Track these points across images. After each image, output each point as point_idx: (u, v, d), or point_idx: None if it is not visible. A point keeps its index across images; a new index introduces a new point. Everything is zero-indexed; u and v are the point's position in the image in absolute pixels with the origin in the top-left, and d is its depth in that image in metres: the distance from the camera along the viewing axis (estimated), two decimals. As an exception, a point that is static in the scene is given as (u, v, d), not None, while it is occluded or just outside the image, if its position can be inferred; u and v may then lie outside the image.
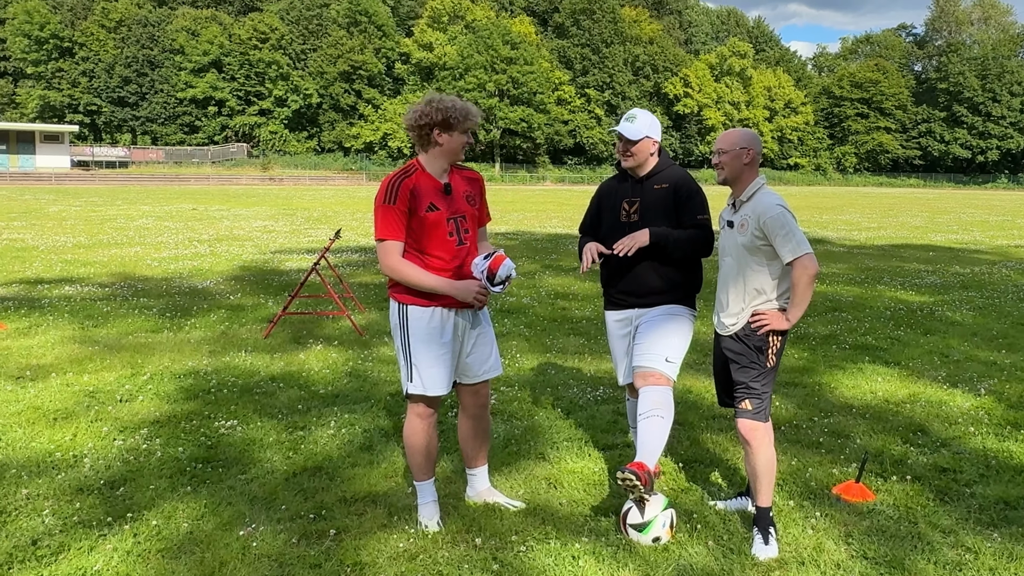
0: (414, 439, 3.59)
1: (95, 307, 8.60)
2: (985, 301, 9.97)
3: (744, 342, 3.57)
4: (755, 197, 3.58)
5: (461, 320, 3.56)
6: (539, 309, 8.93)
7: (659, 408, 3.63)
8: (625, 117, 3.83)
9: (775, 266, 3.52)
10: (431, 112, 3.38)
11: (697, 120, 77.54)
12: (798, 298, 3.45)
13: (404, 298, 3.49)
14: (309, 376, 6.03)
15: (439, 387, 3.52)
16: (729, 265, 3.65)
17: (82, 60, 64.72)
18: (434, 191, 3.44)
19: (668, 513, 3.52)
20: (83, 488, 3.94)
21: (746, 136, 3.63)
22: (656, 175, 3.86)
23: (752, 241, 3.51)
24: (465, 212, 3.53)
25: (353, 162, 67.94)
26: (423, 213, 3.39)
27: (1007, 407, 5.49)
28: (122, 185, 47.86)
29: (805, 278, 3.42)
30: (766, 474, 3.54)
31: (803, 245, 3.43)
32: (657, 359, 3.73)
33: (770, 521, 3.52)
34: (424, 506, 3.64)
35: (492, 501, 3.83)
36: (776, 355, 3.58)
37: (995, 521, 3.74)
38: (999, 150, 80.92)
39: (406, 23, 74.47)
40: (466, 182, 3.60)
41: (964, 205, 40.88)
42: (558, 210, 29.25)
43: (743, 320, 3.58)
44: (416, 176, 3.43)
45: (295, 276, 11.03)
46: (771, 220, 3.45)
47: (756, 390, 3.55)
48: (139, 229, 18.34)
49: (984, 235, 21.08)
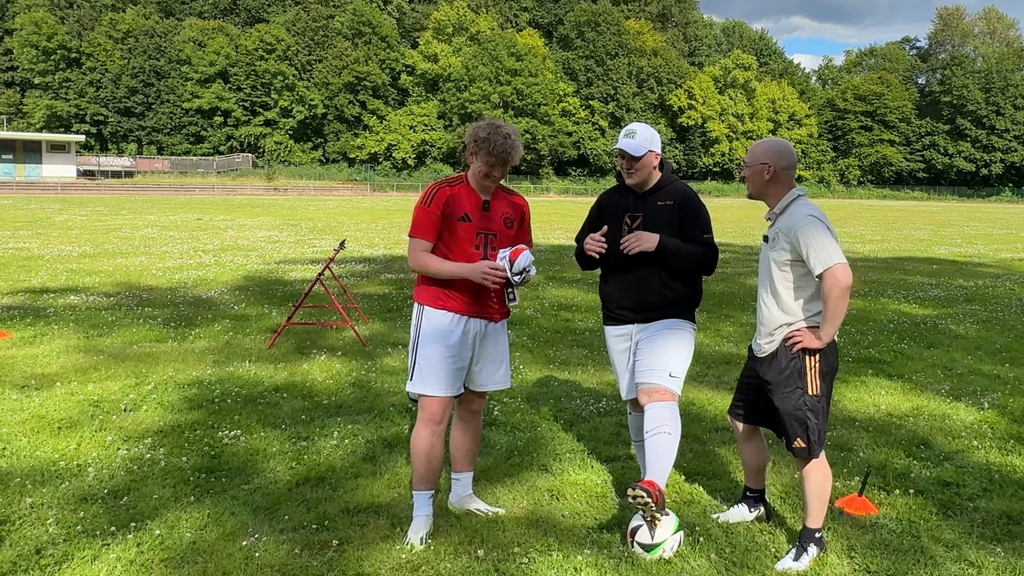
0: (417, 444, 3.66)
1: (100, 316, 8.64)
2: (989, 314, 9.96)
3: (778, 364, 3.43)
4: (788, 210, 3.43)
5: (474, 328, 3.64)
6: (542, 320, 8.94)
7: (665, 424, 3.61)
8: (624, 133, 3.78)
9: (807, 281, 3.36)
10: (470, 134, 3.57)
11: (701, 132, 77.68)
12: (830, 312, 3.27)
13: (422, 299, 3.66)
14: (313, 386, 6.04)
15: (437, 388, 3.58)
16: (762, 281, 3.53)
17: (89, 71, 65.11)
18: (472, 204, 3.59)
19: (677, 536, 3.51)
20: (87, 497, 3.94)
21: (771, 151, 3.46)
22: (660, 190, 3.83)
23: (782, 255, 3.37)
24: (498, 231, 3.65)
25: (358, 173, 68.14)
26: (456, 221, 3.55)
27: (1010, 421, 5.48)
28: (127, 195, 48.05)
29: (836, 290, 3.22)
30: (814, 498, 3.47)
31: (835, 255, 3.24)
32: (660, 375, 3.70)
33: (812, 540, 3.45)
34: (416, 519, 3.65)
35: (473, 507, 3.90)
36: (821, 379, 3.39)
37: (998, 535, 3.73)
38: (1003, 163, 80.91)
39: (411, 34, 74.86)
40: (508, 205, 3.72)
41: (968, 218, 40.85)
42: (561, 221, 29.28)
43: (777, 341, 3.44)
44: (460, 188, 3.61)
45: (299, 286, 11.06)
46: (801, 230, 3.28)
47: (805, 423, 3.38)
48: (144, 239, 18.41)
49: (988, 248, 21.06)
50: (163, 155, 65.55)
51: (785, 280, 3.41)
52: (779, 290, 3.42)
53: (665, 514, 3.49)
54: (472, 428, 3.91)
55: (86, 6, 68.64)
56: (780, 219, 3.45)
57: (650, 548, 3.44)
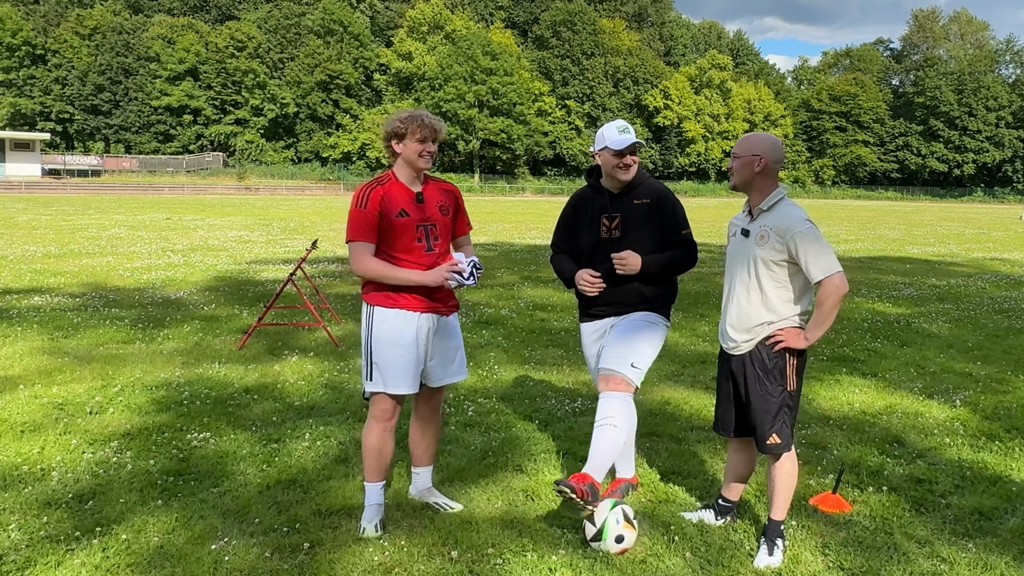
0: (369, 439, 3.66)
1: (65, 318, 8.46)
2: (961, 313, 10.10)
3: (759, 363, 3.41)
4: (777, 208, 3.39)
5: (427, 323, 3.62)
6: (517, 320, 8.91)
7: (615, 416, 3.61)
8: (621, 129, 3.76)
9: (796, 282, 3.36)
10: (387, 125, 3.57)
11: (677, 132, 78.18)
12: (822, 317, 3.29)
13: (372, 299, 3.61)
14: (284, 388, 5.96)
15: (400, 385, 3.58)
16: (740, 276, 3.46)
17: (55, 67, 64.05)
18: (406, 199, 3.58)
19: (618, 510, 3.48)
20: (51, 502, 3.85)
21: (763, 143, 3.41)
22: (635, 189, 3.83)
23: (772, 254, 3.34)
24: (436, 220, 3.63)
25: (330, 172, 67.70)
26: (393, 218, 3.52)
27: (982, 418, 5.55)
28: (94, 194, 47.27)
29: (835, 297, 3.24)
30: (784, 489, 3.49)
31: (834, 263, 3.25)
32: (623, 363, 3.70)
33: (779, 533, 3.49)
34: (368, 508, 3.68)
35: (432, 501, 3.91)
36: (796, 376, 3.41)
37: (970, 532, 3.76)
38: (975, 164, 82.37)
39: (385, 33, 74.50)
40: (441, 193, 3.72)
41: (940, 218, 41.50)
42: (537, 221, 29.30)
43: (758, 338, 3.41)
44: (389, 185, 3.59)
45: (270, 287, 10.93)
46: (800, 235, 3.26)
47: (782, 419, 3.40)
48: (111, 239, 18.10)
49: (960, 248, 21.37)
50: (131, 154, 64.62)
51: (772, 278, 3.37)
52: (765, 289, 3.38)
53: (596, 504, 3.46)
54: (432, 425, 3.91)
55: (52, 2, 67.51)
56: (767, 216, 3.39)
57: (600, 535, 3.43)
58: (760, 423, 3.43)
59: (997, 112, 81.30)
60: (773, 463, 3.51)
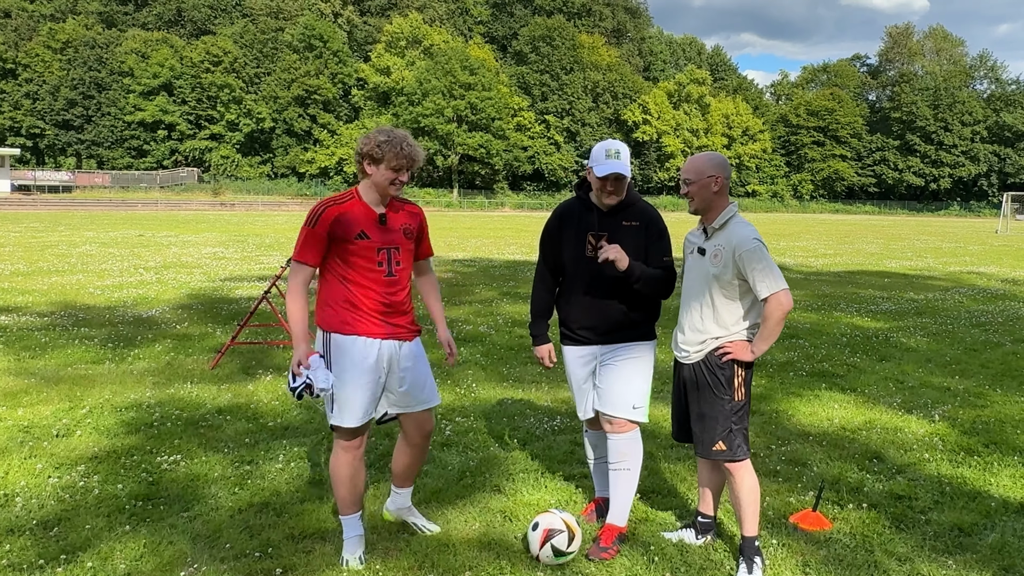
0: (339, 471, 3.53)
1: (32, 337, 8.27)
2: (939, 327, 10.17)
3: (709, 373, 3.50)
4: (729, 227, 3.48)
5: (388, 350, 3.48)
6: (496, 337, 8.85)
7: (626, 460, 3.69)
8: (609, 154, 3.58)
9: (746, 299, 3.46)
10: (365, 142, 3.40)
11: (656, 147, 78.73)
12: (768, 332, 3.38)
13: (327, 323, 3.47)
14: (258, 408, 5.85)
15: (354, 418, 3.44)
16: (695, 292, 3.56)
17: (25, 82, 63.32)
18: (367, 220, 3.43)
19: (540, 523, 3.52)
20: (14, 529, 3.74)
21: (713, 162, 3.48)
22: (625, 209, 3.70)
23: (724, 273, 3.42)
24: (399, 244, 3.50)
25: (307, 187, 67.34)
26: (352, 240, 3.38)
27: (960, 433, 5.56)
28: (65, 210, 46.63)
29: (779, 313, 3.35)
30: (750, 504, 3.50)
31: (780, 281, 3.36)
32: (624, 408, 3.68)
33: (756, 551, 3.49)
34: (348, 540, 3.55)
35: (410, 521, 3.83)
36: (745, 387, 3.50)
37: (949, 548, 3.75)
38: (951, 178, 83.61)
39: (363, 48, 74.46)
40: (406, 215, 3.57)
41: (918, 232, 42.03)
42: (516, 236, 29.30)
43: (707, 349, 3.51)
44: (349, 204, 3.43)
45: (245, 304, 10.79)
46: (747, 254, 3.36)
47: (728, 428, 3.46)
48: (82, 256, 17.82)
49: (937, 262, 21.59)
50: (103, 169, 63.86)
51: (723, 296, 3.47)
52: (717, 305, 3.48)
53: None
54: (422, 452, 3.77)
55: (23, 16, 66.78)
56: (719, 235, 3.48)
57: (559, 553, 3.49)
58: (708, 429, 3.50)
59: (972, 127, 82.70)
60: (732, 479, 3.53)
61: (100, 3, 71.69)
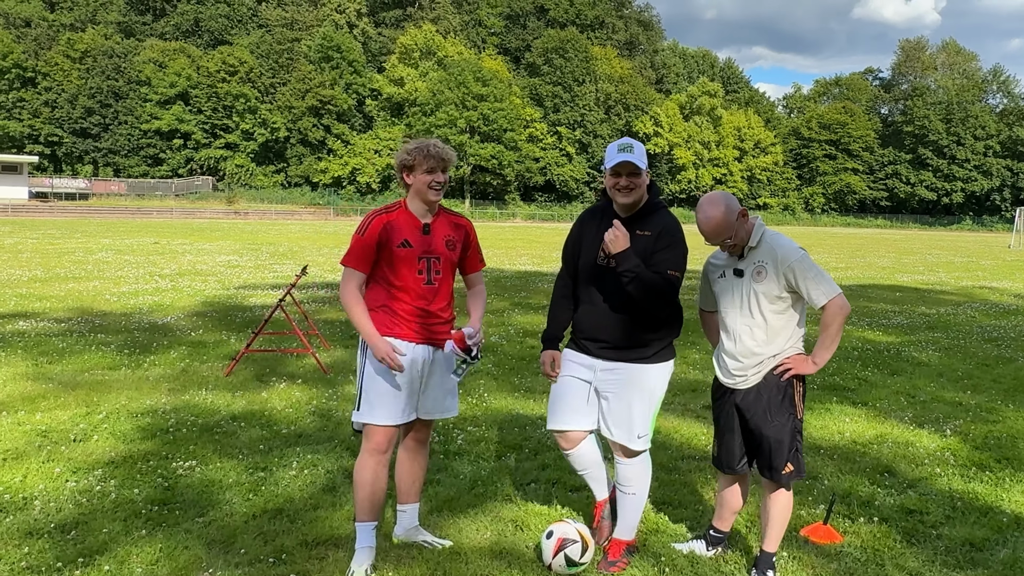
0: (361, 474, 3.57)
1: (50, 343, 8.37)
2: (951, 342, 10.13)
3: (771, 394, 3.41)
4: (765, 241, 3.40)
5: (422, 355, 3.57)
6: (508, 347, 8.89)
7: (632, 484, 3.69)
8: (620, 147, 3.46)
9: (796, 309, 3.42)
10: (399, 156, 3.55)
11: (668, 159, 78.69)
12: (829, 340, 3.33)
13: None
14: (272, 415, 5.90)
15: (384, 415, 3.51)
16: (738, 313, 3.44)
17: (44, 90, 63.99)
18: (412, 229, 3.54)
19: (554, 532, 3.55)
20: (32, 532, 3.79)
21: (728, 201, 3.36)
22: (643, 218, 3.53)
23: (772, 288, 3.35)
24: (440, 254, 3.58)
25: (321, 197, 67.69)
26: (395, 248, 3.49)
27: (972, 448, 5.55)
28: (82, 217, 47.07)
29: (840, 319, 3.30)
30: (779, 521, 3.50)
31: (834, 286, 3.31)
32: (629, 437, 3.62)
33: (771, 565, 3.49)
34: (359, 551, 3.56)
35: (420, 540, 3.81)
36: (802, 403, 3.47)
37: (961, 563, 3.74)
38: (964, 192, 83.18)
39: (378, 59, 74.96)
40: (451, 227, 3.66)
41: (930, 246, 41.81)
42: (528, 247, 29.35)
43: (765, 370, 3.43)
44: (397, 214, 3.56)
45: (259, 312, 10.87)
46: (796, 264, 3.32)
47: (795, 447, 3.43)
48: (98, 263, 17.99)
49: (949, 276, 21.48)
50: (120, 177, 64.43)
51: (773, 312, 3.40)
52: (770, 321, 3.40)
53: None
54: (419, 458, 3.81)
55: (43, 25, 67.60)
56: (756, 252, 3.41)
57: (572, 563, 3.52)
58: (776, 454, 3.43)
59: (985, 141, 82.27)
60: (770, 494, 3.50)
61: (119, 13, 72.53)
